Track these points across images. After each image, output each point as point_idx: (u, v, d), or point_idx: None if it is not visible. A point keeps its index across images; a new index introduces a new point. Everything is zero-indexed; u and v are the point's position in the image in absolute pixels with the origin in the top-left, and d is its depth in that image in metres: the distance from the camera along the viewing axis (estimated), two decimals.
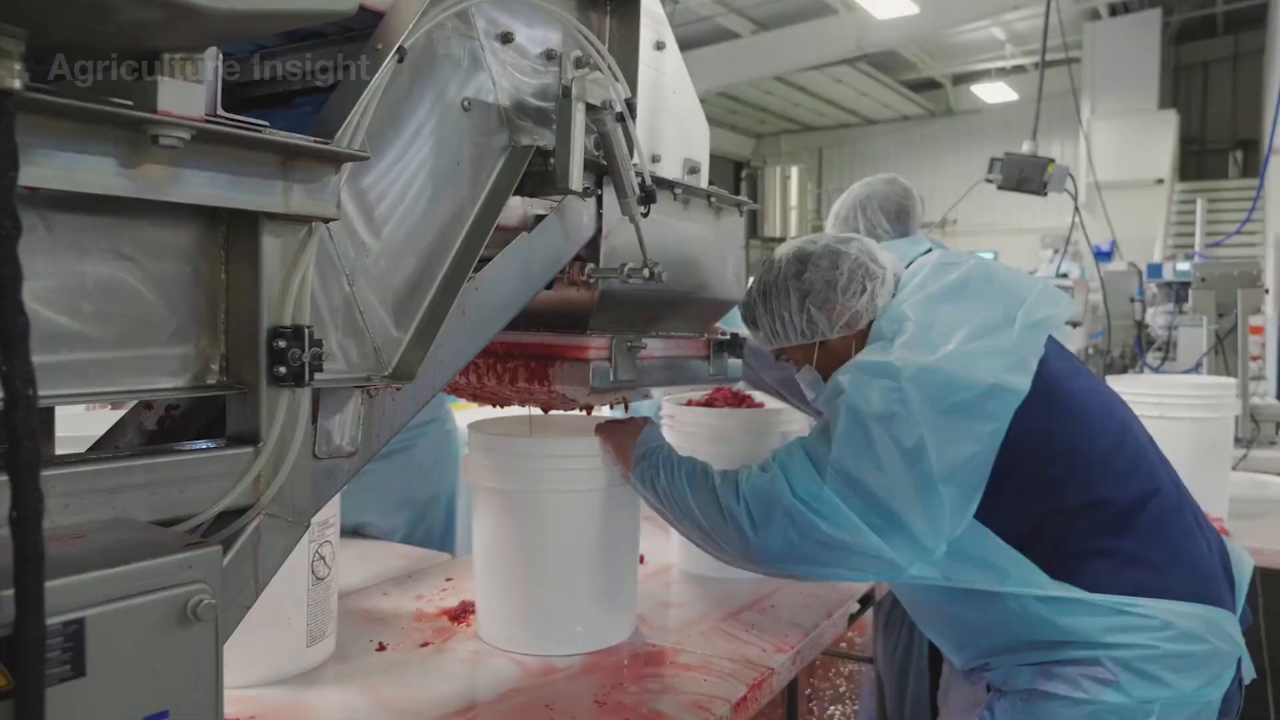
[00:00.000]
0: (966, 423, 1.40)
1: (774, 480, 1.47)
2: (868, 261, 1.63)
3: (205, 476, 0.87)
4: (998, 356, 1.45)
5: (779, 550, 1.46)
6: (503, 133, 1.24)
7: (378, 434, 1.13)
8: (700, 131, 1.65)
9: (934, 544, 1.41)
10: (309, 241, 0.92)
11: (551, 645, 1.66)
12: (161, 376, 0.88)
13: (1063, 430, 1.48)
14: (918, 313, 1.53)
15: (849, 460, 1.42)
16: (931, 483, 1.38)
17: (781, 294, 1.65)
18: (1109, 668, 1.38)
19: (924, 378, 1.41)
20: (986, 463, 1.40)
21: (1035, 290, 1.57)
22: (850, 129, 16.24)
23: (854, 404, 1.43)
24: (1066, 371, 1.55)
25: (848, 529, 1.41)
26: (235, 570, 0.90)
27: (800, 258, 1.65)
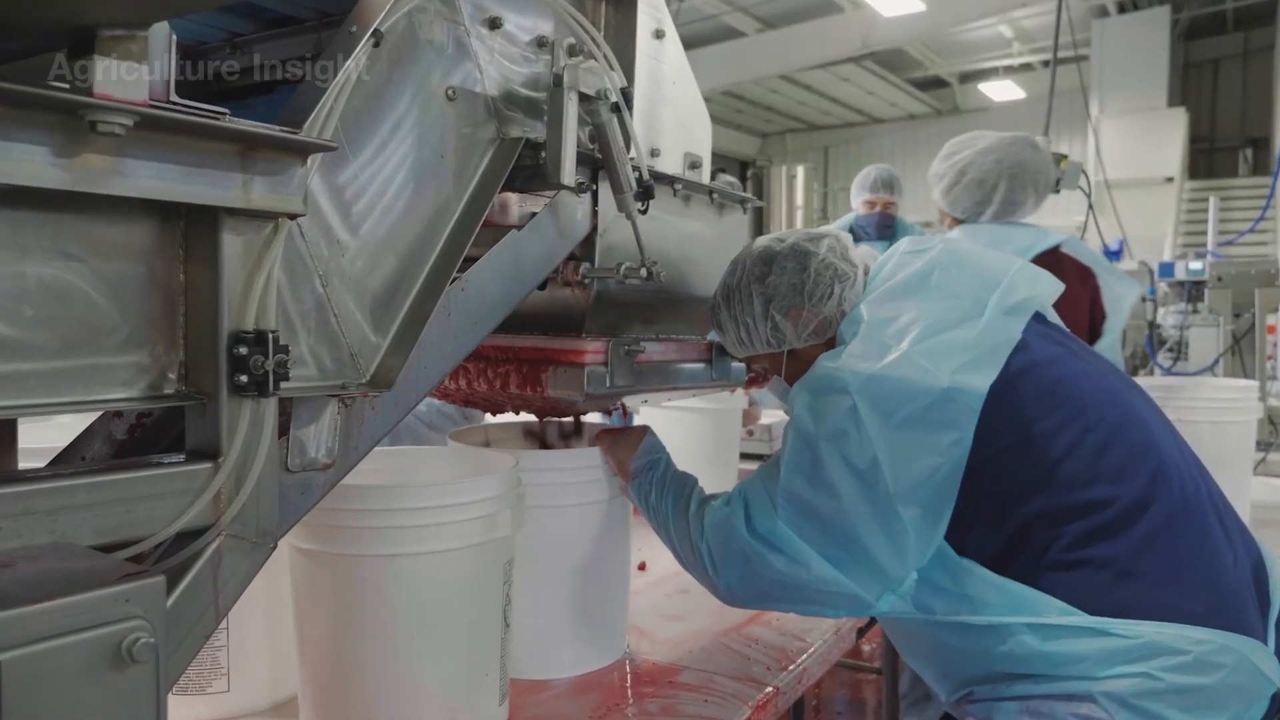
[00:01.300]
0: (923, 434, 1.26)
1: (731, 515, 1.37)
2: (837, 261, 1.48)
3: (158, 495, 0.80)
4: (956, 353, 1.29)
5: (741, 591, 1.38)
6: (490, 124, 1.17)
7: (356, 445, 1.06)
8: (702, 125, 1.57)
9: (900, 572, 1.29)
10: (274, 239, 0.85)
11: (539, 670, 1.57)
12: (113, 386, 0.81)
13: (1042, 424, 1.31)
14: (874, 310, 1.39)
15: (799, 486, 1.30)
16: (890, 505, 1.26)
17: (745, 298, 1.50)
18: (1102, 704, 1.22)
19: (872, 388, 1.28)
20: (952, 476, 1.26)
21: (1010, 271, 1.41)
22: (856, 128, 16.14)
23: (801, 424, 1.32)
24: (1050, 357, 1.37)
25: (804, 565, 1.30)
26: (193, 596, 0.83)
27: (765, 258, 1.49)
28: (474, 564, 1.31)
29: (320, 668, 1.32)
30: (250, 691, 1.43)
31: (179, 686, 1.39)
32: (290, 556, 1.34)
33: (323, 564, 1.29)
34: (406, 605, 1.27)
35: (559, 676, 1.57)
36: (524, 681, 1.53)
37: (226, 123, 0.76)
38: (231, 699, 1.42)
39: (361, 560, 1.26)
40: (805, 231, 1.54)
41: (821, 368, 1.35)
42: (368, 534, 1.25)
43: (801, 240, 1.50)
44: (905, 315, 1.35)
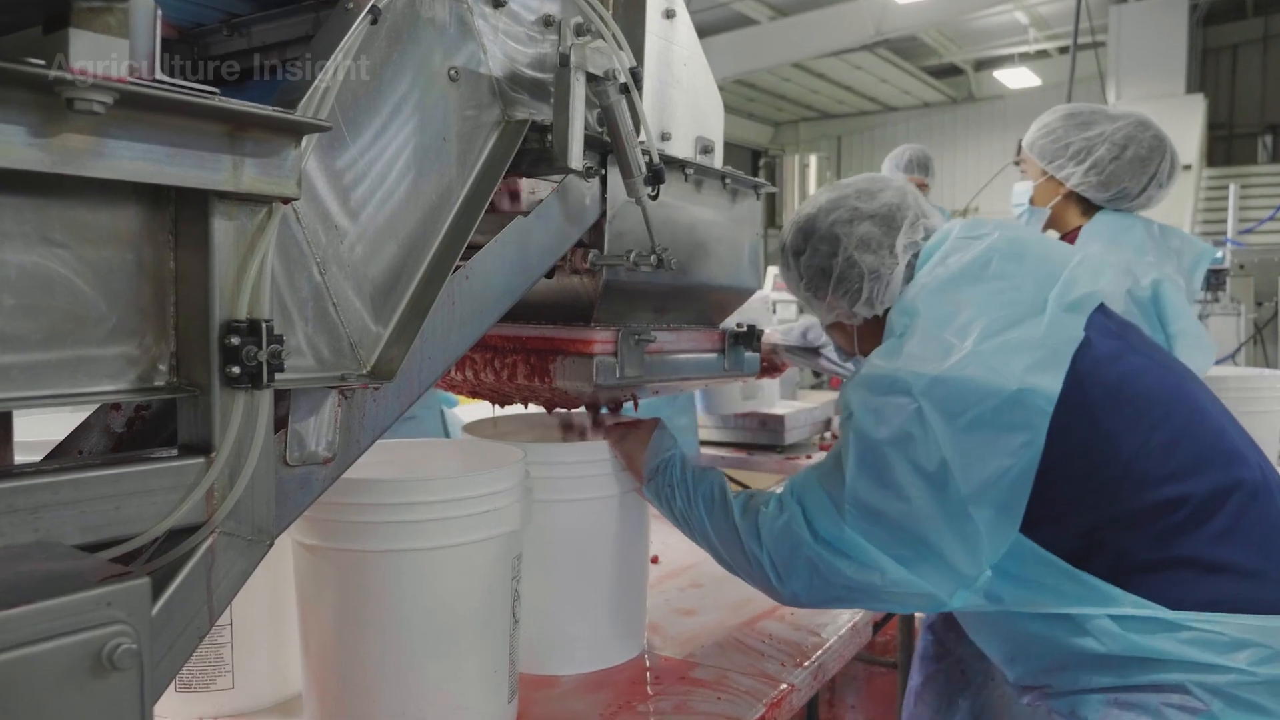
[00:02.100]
0: (993, 436, 1.23)
1: (792, 523, 1.34)
2: (866, 257, 1.45)
3: (147, 491, 0.77)
4: (1023, 353, 1.26)
5: (808, 597, 1.35)
6: (495, 106, 1.13)
7: (358, 438, 1.02)
8: (714, 108, 1.53)
9: (975, 571, 1.26)
10: (268, 224, 0.82)
11: (553, 665, 1.54)
12: (100, 378, 0.77)
13: (1110, 424, 1.28)
14: (927, 304, 1.35)
15: (866, 492, 1.27)
16: (962, 507, 1.22)
17: (785, 265, 1.57)
18: (1198, 695, 1.18)
19: (938, 390, 1.24)
20: (1024, 478, 1.23)
21: (1071, 264, 1.37)
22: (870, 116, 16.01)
23: (863, 429, 1.28)
24: (1113, 353, 1.34)
25: (876, 569, 1.27)
26: (185, 596, 0.80)
27: (805, 232, 1.52)
28: (481, 559, 1.28)
29: (324, 665, 1.30)
30: (254, 688, 1.41)
31: (182, 683, 1.37)
32: (293, 552, 1.31)
33: (326, 560, 1.26)
34: (412, 602, 1.24)
35: (574, 672, 1.54)
36: (534, 677, 1.50)
37: (214, 101, 0.72)
38: (235, 696, 1.40)
39: (365, 556, 1.23)
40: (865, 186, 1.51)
41: (879, 367, 1.31)
42: (371, 529, 1.22)
43: (843, 218, 1.48)
44: (965, 311, 1.31)
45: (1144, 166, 2.19)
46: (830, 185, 1.56)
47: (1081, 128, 2.24)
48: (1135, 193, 2.23)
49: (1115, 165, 2.19)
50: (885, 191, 1.51)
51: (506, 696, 1.33)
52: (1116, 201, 2.25)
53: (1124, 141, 2.19)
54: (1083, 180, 2.23)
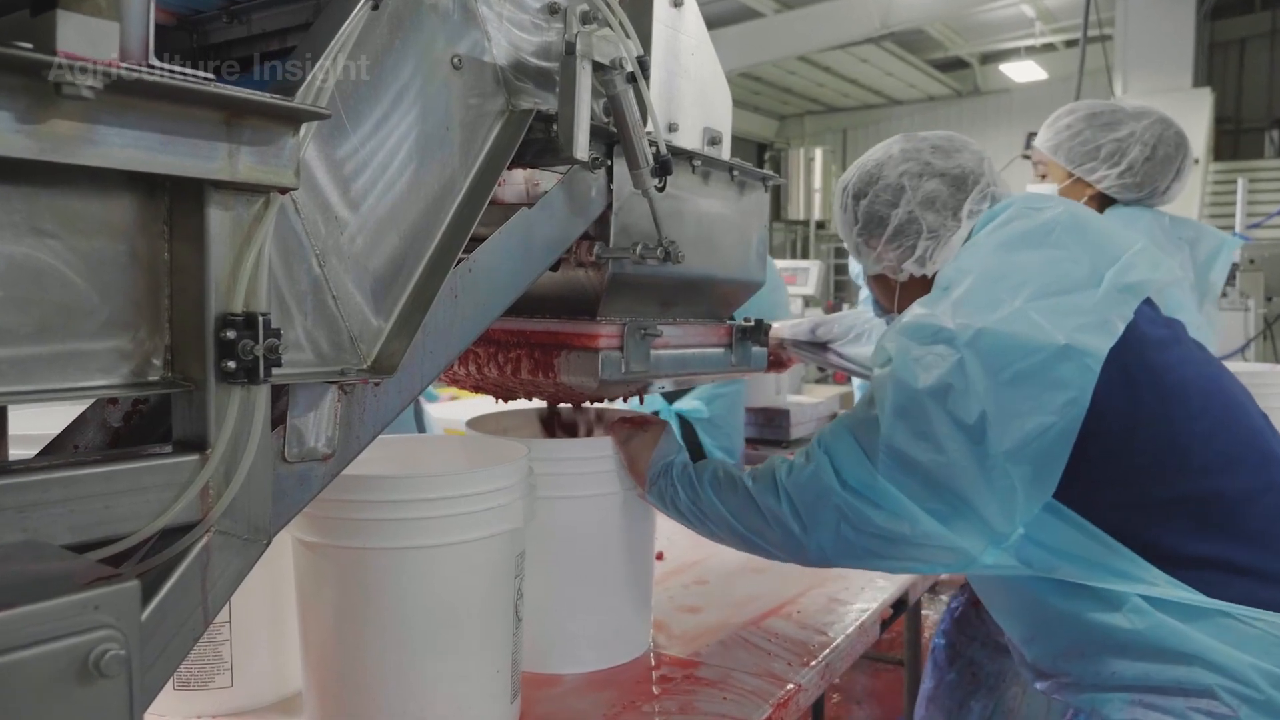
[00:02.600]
0: (1036, 392, 1.20)
1: (820, 472, 1.30)
2: (928, 215, 1.43)
3: (140, 489, 0.75)
4: (1073, 315, 1.24)
5: (833, 549, 1.31)
6: (499, 95, 1.10)
7: (358, 434, 1.00)
8: (723, 99, 1.50)
9: (1007, 528, 1.24)
10: (265, 215, 0.79)
11: (556, 664, 1.52)
12: (92, 373, 0.75)
13: (1150, 408, 1.25)
14: (983, 261, 1.32)
15: (902, 442, 1.24)
16: (999, 462, 1.20)
17: (843, 205, 1.54)
18: (1225, 700, 1.16)
19: (982, 342, 1.22)
20: (1065, 437, 1.20)
21: (1132, 249, 1.34)
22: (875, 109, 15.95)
23: (903, 377, 1.25)
24: (1160, 340, 1.32)
25: (907, 519, 1.24)
26: (179, 597, 0.77)
27: (871, 176, 1.49)
28: (483, 557, 1.26)
29: (324, 664, 1.28)
30: (254, 687, 1.39)
31: (180, 681, 1.35)
32: (293, 549, 1.29)
33: (326, 557, 1.24)
34: (413, 600, 1.22)
35: (578, 671, 1.52)
36: (537, 675, 1.49)
37: (209, 87, 0.70)
38: (235, 694, 1.38)
39: (366, 553, 1.21)
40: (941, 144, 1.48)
41: (922, 316, 1.28)
42: (372, 526, 1.20)
43: (912, 170, 1.46)
44: (1020, 271, 1.29)
45: (1170, 164, 2.17)
46: (906, 135, 1.53)
47: (1108, 129, 2.21)
48: (1163, 190, 2.20)
49: (1148, 166, 2.17)
50: (962, 153, 1.48)
51: (509, 696, 1.31)
52: (1145, 200, 2.22)
53: (1154, 141, 2.16)
54: (1117, 182, 2.20)
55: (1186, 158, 2.19)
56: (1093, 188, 2.22)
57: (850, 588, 1.92)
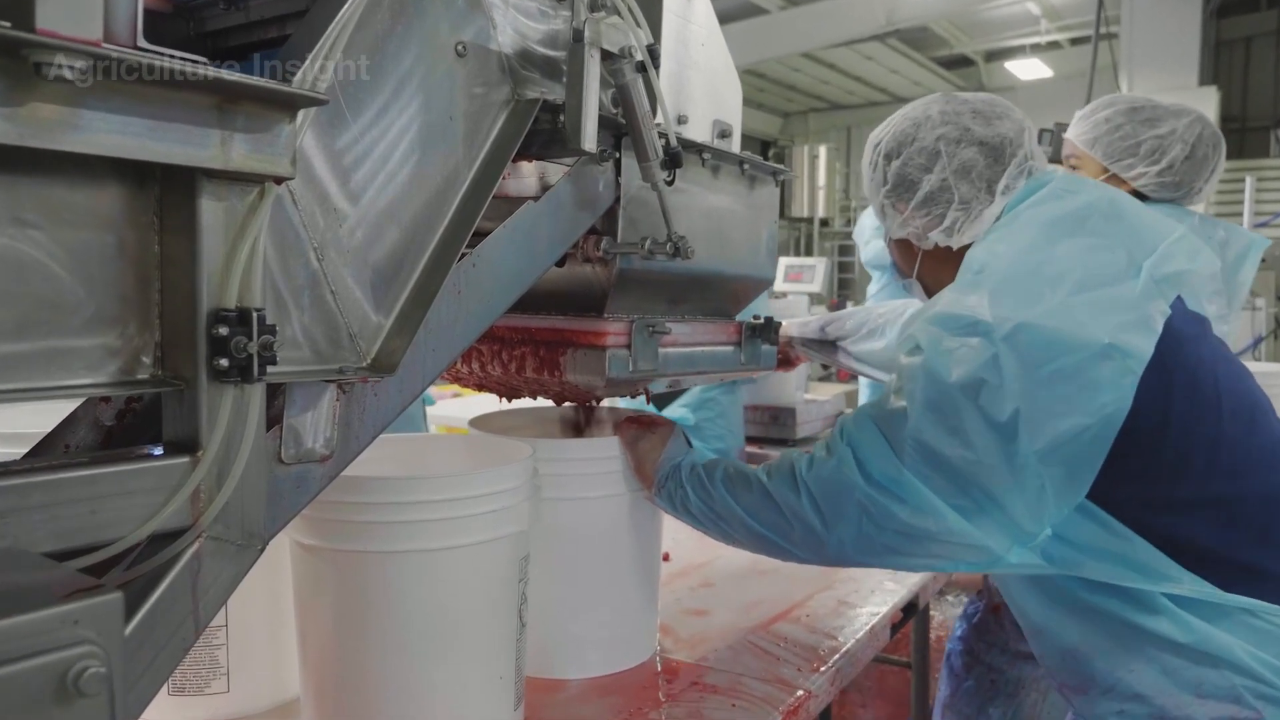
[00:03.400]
0: (1073, 391, 1.15)
1: (843, 465, 1.25)
2: (963, 185, 1.36)
3: (127, 493, 0.71)
4: (1115, 311, 1.18)
5: (855, 545, 1.26)
6: (504, 84, 1.06)
7: (357, 434, 0.97)
8: (733, 91, 1.47)
9: (1035, 528, 1.19)
10: (260, 206, 0.76)
11: (561, 668, 1.49)
12: (77, 371, 0.71)
13: (1182, 407, 1.21)
14: (1020, 246, 1.27)
15: (931, 436, 1.19)
16: (1029, 462, 1.16)
17: (872, 164, 1.47)
18: (1249, 703, 1.13)
19: (1021, 337, 1.16)
20: (1101, 440, 1.16)
21: (1170, 238, 1.29)
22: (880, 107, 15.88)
23: (934, 369, 1.20)
24: (1194, 335, 1.28)
25: (931, 515, 1.20)
26: (168, 606, 0.74)
27: (902, 139, 1.42)
28: (487, 561, 1.22)
29: (323, 669, 1.24)
30: (251, 692, 1.36)
31: (175, 687, 1.32)
32: (291, 551, 1.25)
33: (325, 560, 1.20)
34: (414, 605, 1.18)
35: (583, 676, 1.48)
36: (541, 680, 1.45)
37: (200, 70, 0.66)
38: (231, 700, 1.34)
39: (366, 557, 1.18)
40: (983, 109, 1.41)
41: (955, 305, 1.23)
42: (372, 529, 1.16)
43: (950, 134, 1.39)
44: (1060, 260, 1.23)
45: (1206, 164, 2.11)
46: (947, 95, 1.46)
47: (1149, 125, 2.13)
48: (1197, 190, 2.15)
49: (1187, 165, 2.10)
50: (1005, 120, 1.41)
51: (512, 703, 1.28)
52: (1179, 200, 2.16)
53: (1193, 140, 2.10)
54: (1156, 180, 2.13)
55: (1220, 158, 2.14)
56: (1127, 184, 2.15)
57: (860, 590, 1.89)
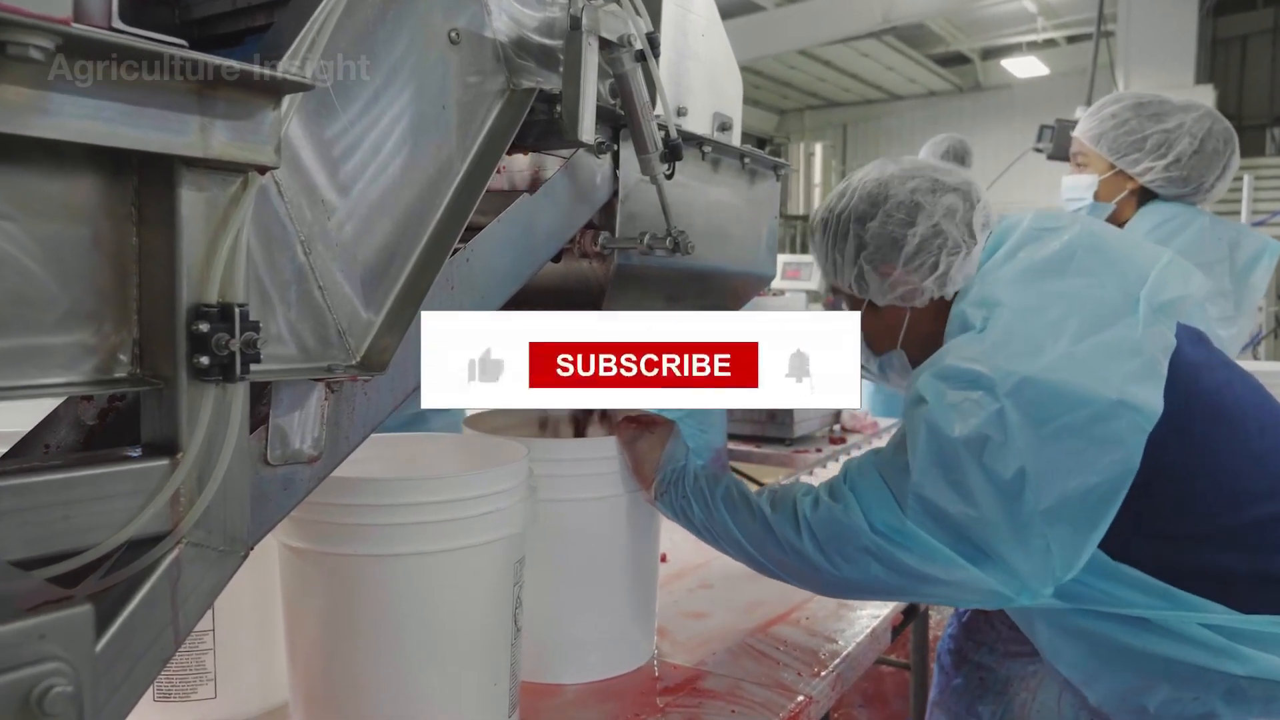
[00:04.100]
0: (1081, 448, 1.12)
1: (848, 510, 1.24)
2: (952, 228, 1.33)
3: (103, 497, 0.68)
4: (1121, 358, 1.15)
5: (861, 584, 1.25)
6: (499, 73, 1.03)
7: (347, 434, 0.93)
8: (733, 83, 1.43)
9: (1042, 586, 1.17)
10: (243, 197, 0.72)
11: (557, 673, 1.45)
12: (50, 369, 0.68)
13: (1210, 437, 1.19)
14: (1014, 294, 1.24)
15: (933, 491, 1.17)
16: (1033, 522, 1.13)
17: (841, 234, 1.40)
18: None
19: (1026, 391, 1.13)
20: (1110, 497, 1.13)
21: (1159, 264, 1.27)
22: (875, 105, 15.87)
23: (937, 423, 1.17)
24: (1203, 362, 1.25)
25: (940, 563, 1.18)
26: (146, 616, 0.70)
27: (875, 198, 1.37)
28: (481, 564, 1.19)
29: (312, 676, 1.21)
30: (239, 698, 1.32)
31: (161, 693, 1.29)
32: (279, 554, 1.22)
33: (314, 563, 1.17)
34: (405, 610, 1.15)
35: (580, 681, 1.45)
36: (537, 685, 1.42)
37: (178, 52, 0.63)
38: (218, 706, 1.31)
39: (356, 560, 1.14)
40: (932, 173, 1.37)
41: (959, 359, 1.20)
42: (362, 531, 1.13)
43: (923, 188, 1.35)
44: (1054, 306, 1.20)
45: (1217, 160, 2.07)
46: (889, 159, 1.44)
47: (1156, 119, 2.09)
48: (1208, 186, 2.10)
49: (1195, 160, 2.06)
50: (957, 171, 1.41)
51: (507, 709, 1.25)
52: (1188, 196, 2.12)
53: (1202, 134, 2.06)
54: (1162, 175, 2.09)
55: (1233, 155, 2.10)
56: (1134, 181, 2.12)
57: None
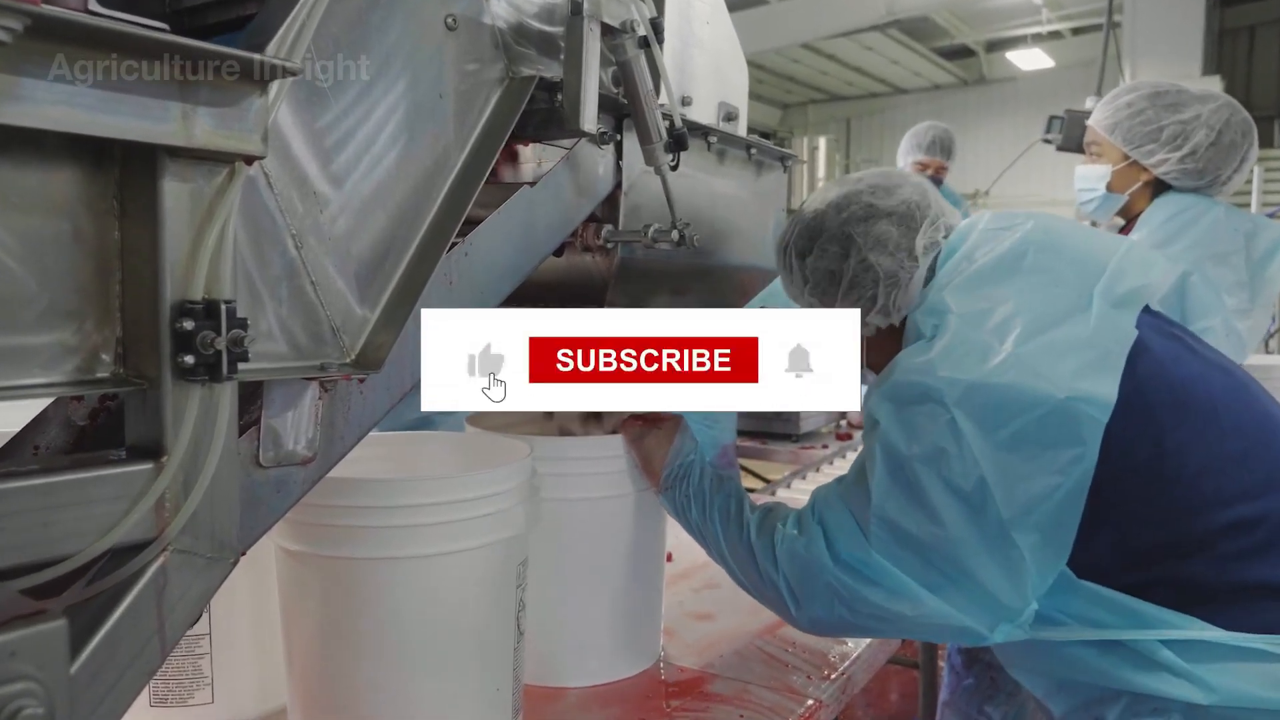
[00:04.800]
0: (1038, 451, 1.09)
1: (811, 545, 1.20)
2: (883, 259, 1.27)
3: (83, 503, 0.65)
4: (1070, 355, 1.11)
5: (828, 623, 1.22)
6: (498, 61, 1.00)
7: (342, 435, 0.91)
8: (739, 72, 1.40)
9: (1019, 604, 1.12)
10: (229, 188, 0.69)
11: (558, 677, 1.43)
12: (29, 370, 0.65)
13: (1176, 435, 1.13)
14: (959, 300, 1.19)
15: (895, 512, 1.13)
16: (1003, 532, 1.08)
17: (787, 266, 1.36)
18: None
19: (974, 398, 1.10)
20: (1074, 497, 1.08)
21: (1117, 254, 1.22)
22: (880, 98, 15.80)
23: (891, 442, 1.13)
24: (1172, 355, 1.19)
25: (906, 599, 1.13)
26: (130, 627, 0.68)
27: (812, 232, 1.32)
28: (482, 567, 1.16)
29: (309, 681, 1.18)
30: (236, 702, 1.29)
31: (158, 698, 1.26)
32: (276, 557, 1.19)
33: (311, 567, 1.14)
34: (405, 614, 1.12)
35: (584, 685, 1.42)
36: (540, 689, 1.39)
37: (156, 35, 0.60)
38: (215, 710, 1.28)
39: (353, 563, 1.11)
40: (870, 198, 1.31)
41: (906, 373, 1.16)
42: (360, 534, 1.10)
43: (855, 216, 1.30)
44: (1001, 307, 1.15)
45: (1235, 152, 2.02)
46: (839, 180, 1.38)
47: (1172, 110, 2.04)
48: (1224, 179, 2.05)
49: (1212, 152, 2.00)
50: (903, 187, 1.33)
51: (509, 715, 1.22)
52: (1205, 189, 2.06)
53: (1220, 126, 2.00)
54: (1177, 167, 2.04)
55: (1252, 146, 2.04)
56: (1149, 172, 2.07)
57: None
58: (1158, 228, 1.99)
